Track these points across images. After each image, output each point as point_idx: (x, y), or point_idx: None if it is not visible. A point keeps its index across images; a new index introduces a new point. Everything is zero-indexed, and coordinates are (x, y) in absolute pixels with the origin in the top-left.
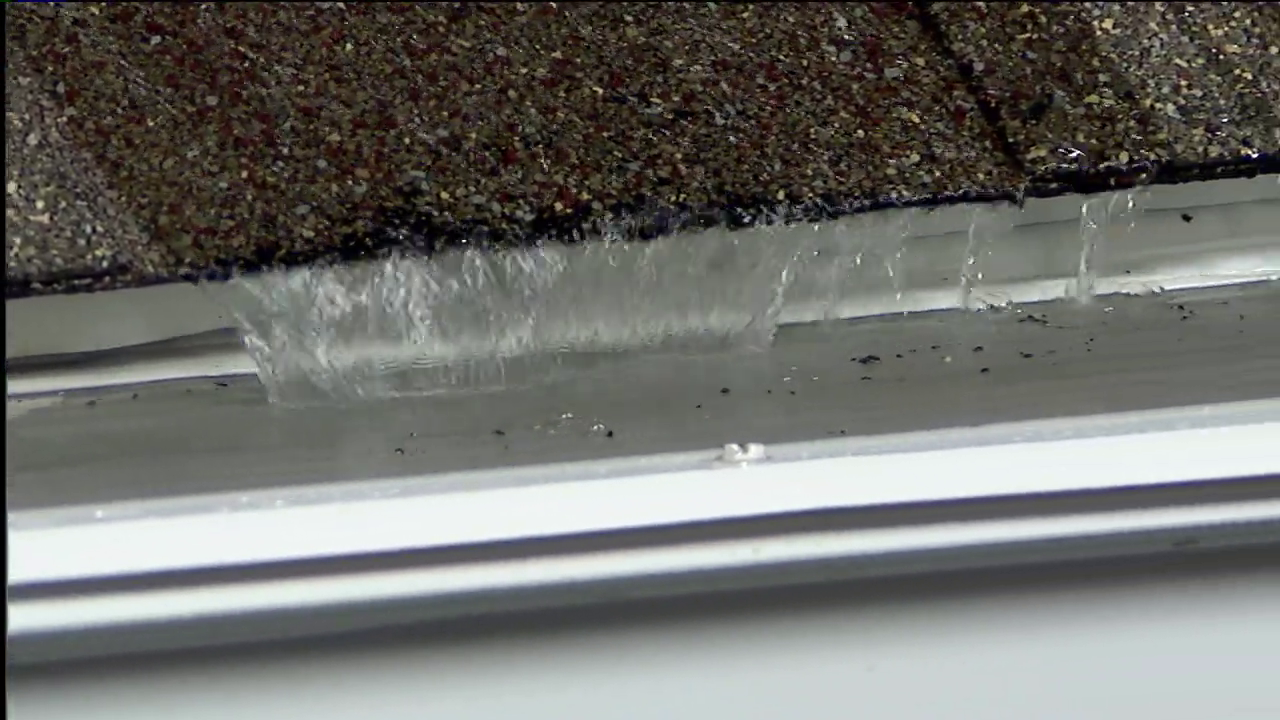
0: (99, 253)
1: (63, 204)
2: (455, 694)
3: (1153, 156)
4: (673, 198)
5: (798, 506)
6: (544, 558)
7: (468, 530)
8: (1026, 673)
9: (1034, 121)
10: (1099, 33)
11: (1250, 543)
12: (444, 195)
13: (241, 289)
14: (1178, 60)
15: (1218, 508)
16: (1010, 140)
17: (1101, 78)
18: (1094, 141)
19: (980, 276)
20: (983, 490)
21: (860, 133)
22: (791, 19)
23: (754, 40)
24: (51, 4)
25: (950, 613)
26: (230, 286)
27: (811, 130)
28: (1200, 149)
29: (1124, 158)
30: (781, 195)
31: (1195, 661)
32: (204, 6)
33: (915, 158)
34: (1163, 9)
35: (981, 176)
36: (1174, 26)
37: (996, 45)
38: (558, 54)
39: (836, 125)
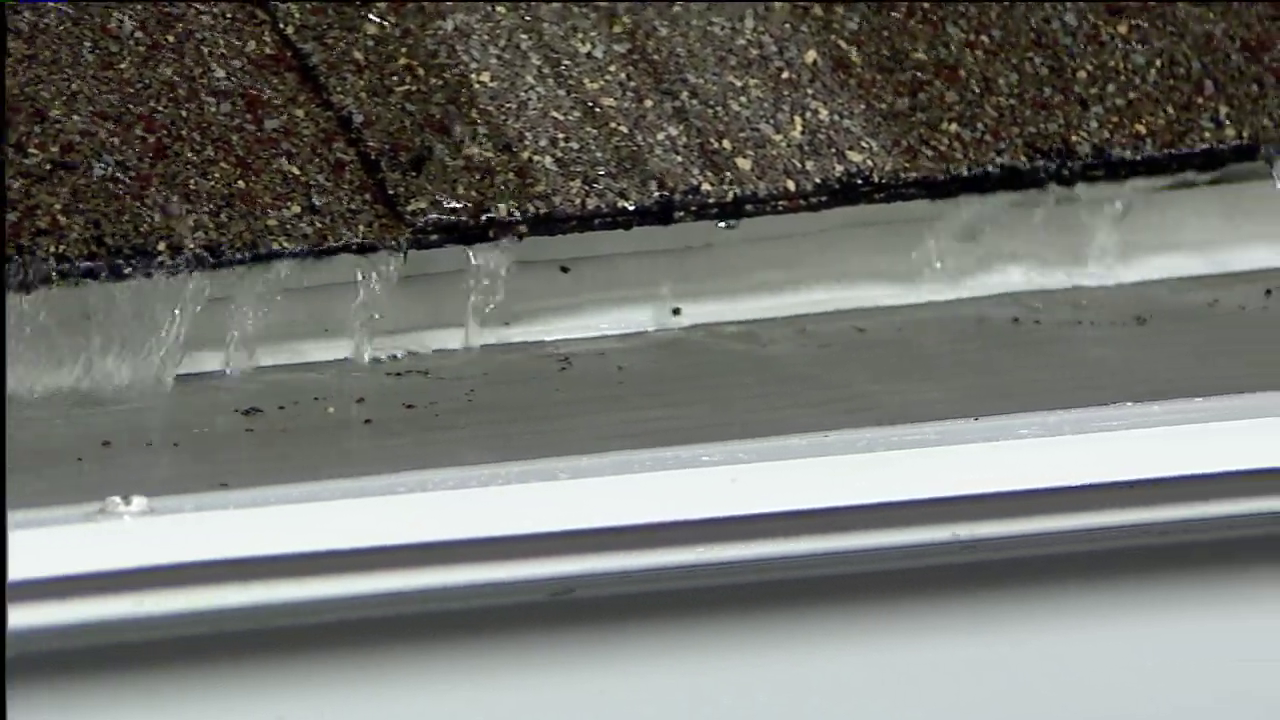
0: None
1: None
2: None
3: (531, 208)
4: (51, 249)
5: (182, 559)
6: None
7: None
8: None
9: (414, 174)
10: (477, 85)
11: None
12: None
13: None
14: (555, 113)
15: (599, 557)
16: (391, 192)
17: (481, 130)
18: (474, 193)
19: (365, 328)
20: (368, 542)
21: (241, 184)
22: (169, 70)
23: (133, 91)
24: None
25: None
26: None
27: (192, 181)
28: (578, 201)
29: (503, 209)
30: (162, 246)
31: None
32: None
33: (296, 209)
34: (539, 63)
35: (362, 228)
36: (550, 80)
37: (376, 98)
38: None
39: (217, 176)
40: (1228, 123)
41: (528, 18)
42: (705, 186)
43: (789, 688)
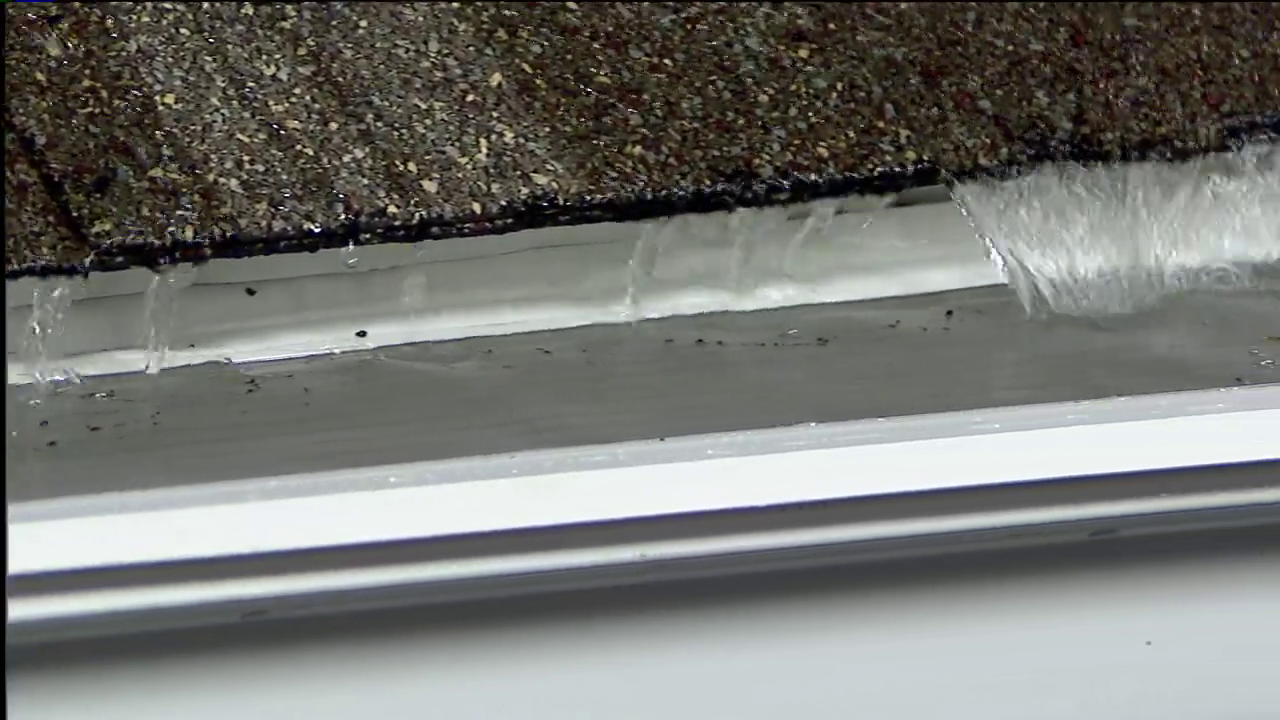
0: None
1: None
2: None
3: (217, 230)
4: None
5: None
6: None
7: None
8: None
9: (99, 195)
10: (161, 108)
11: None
12: None
13: None
14: (240, 136)
15: (289, 578)
16: (75, 214)
17: (166, 152)
18: (159, 215)
19: (48, 350)
20: (48, 565)
21: None
22: None
23: None
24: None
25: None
26: None
27: None
28: (264, 223)
29: (189, 232)
30: None
31: None
32: None
33: None
34: (224, 85)
35: (46, 250)
36: (236, 102)
37: (59, 119)
38: None
39: None
40: (908, 146)
41: (212, 40)
42: (391, 209)
43: (466, 708)
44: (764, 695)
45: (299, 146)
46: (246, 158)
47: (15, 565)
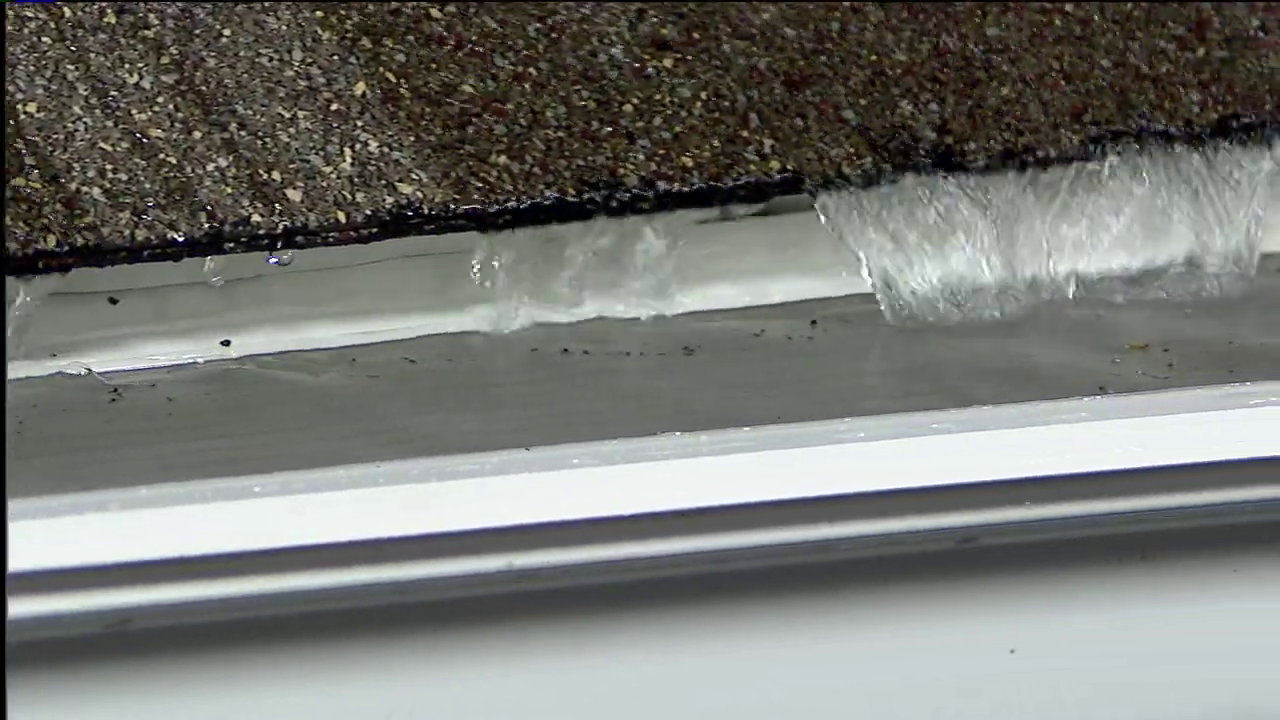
0: None
1: None
2: None
3: (79, 239)
4: None
5: None
6: None
7: None
8: None
9: None
10: (23, 116)
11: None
12: None
13: None
14: (103, 144)
15: (157, 588)
16: None
17: (27, 161)
18: (21, 224)
19: None
20: None
21: None
22: None
23: None
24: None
25: None
26: None
27: None
28: (127, 232)
29: (51, 241)
30: None
31: None
32: None
33: None
34: (87, 93)
35: None
36: (98, 111)
37: None
38: None
39: None
40: (772, 155)
41: (74, 48)
42: (255, 218)
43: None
44: (629, 705)
45: (162, 155)
46: (109, 166)
47: None
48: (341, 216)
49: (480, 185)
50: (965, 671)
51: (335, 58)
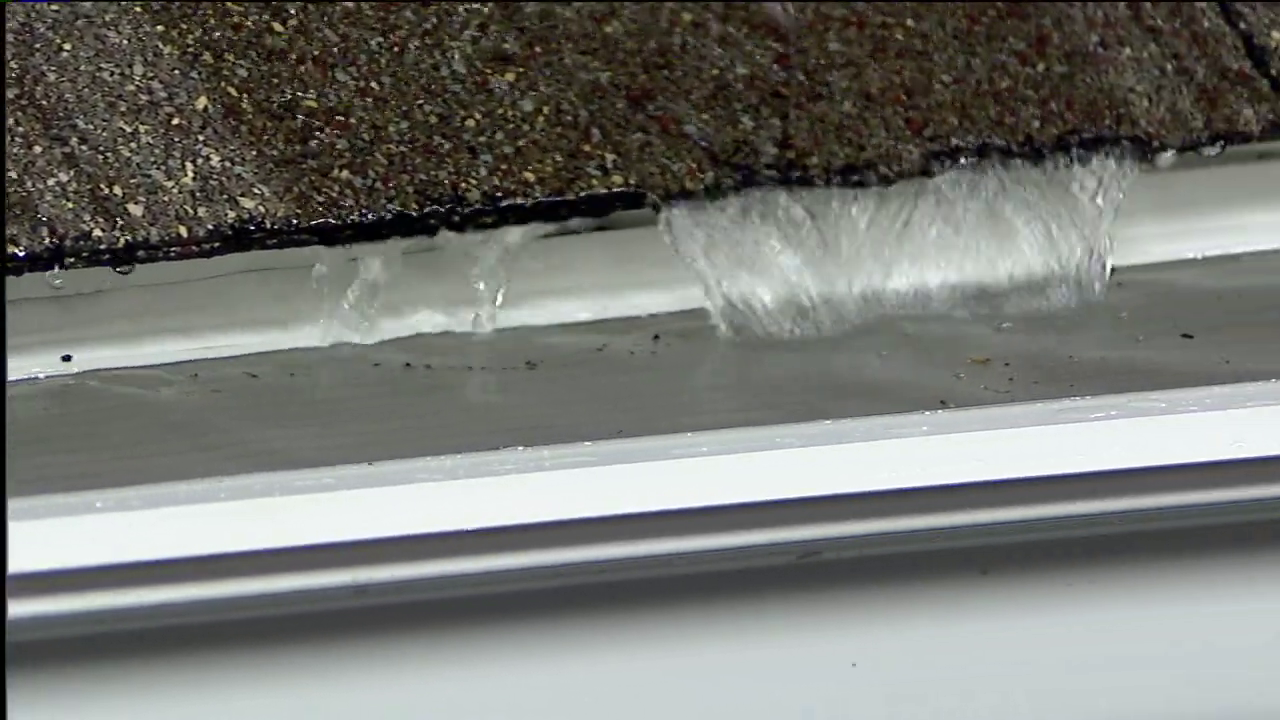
0: None
1: None
2: None
3: None
4: None
5: None
6: None
7: None
8: None
9: None
10: None
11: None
12: None
13: None
14: None
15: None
16: None
17: None
18: None
19: None
20: None
21: None
22: None
23: None
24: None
25: None
26: None
27: None
28: None
29: None
30: None
31: None
32: None
33: None
34: None
35: None
36: None
37: None
38: None
39: None
40: (614, 170)
41: None
42: (97, 233)
43: None
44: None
45: None
46: None
47: None
48: (183, 231)
49: (323, 200)
50: (806, 686)
51: (177, 72)
